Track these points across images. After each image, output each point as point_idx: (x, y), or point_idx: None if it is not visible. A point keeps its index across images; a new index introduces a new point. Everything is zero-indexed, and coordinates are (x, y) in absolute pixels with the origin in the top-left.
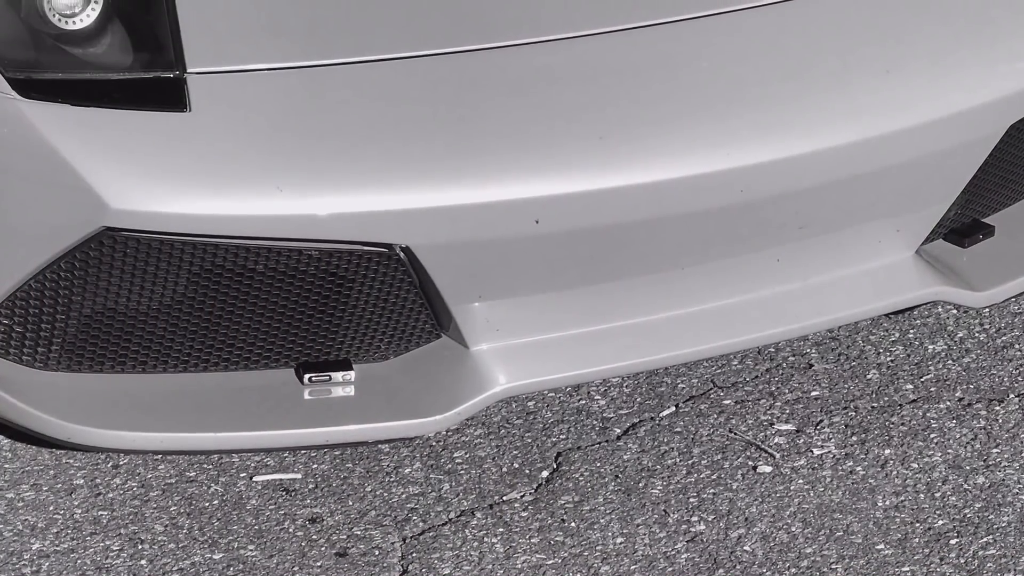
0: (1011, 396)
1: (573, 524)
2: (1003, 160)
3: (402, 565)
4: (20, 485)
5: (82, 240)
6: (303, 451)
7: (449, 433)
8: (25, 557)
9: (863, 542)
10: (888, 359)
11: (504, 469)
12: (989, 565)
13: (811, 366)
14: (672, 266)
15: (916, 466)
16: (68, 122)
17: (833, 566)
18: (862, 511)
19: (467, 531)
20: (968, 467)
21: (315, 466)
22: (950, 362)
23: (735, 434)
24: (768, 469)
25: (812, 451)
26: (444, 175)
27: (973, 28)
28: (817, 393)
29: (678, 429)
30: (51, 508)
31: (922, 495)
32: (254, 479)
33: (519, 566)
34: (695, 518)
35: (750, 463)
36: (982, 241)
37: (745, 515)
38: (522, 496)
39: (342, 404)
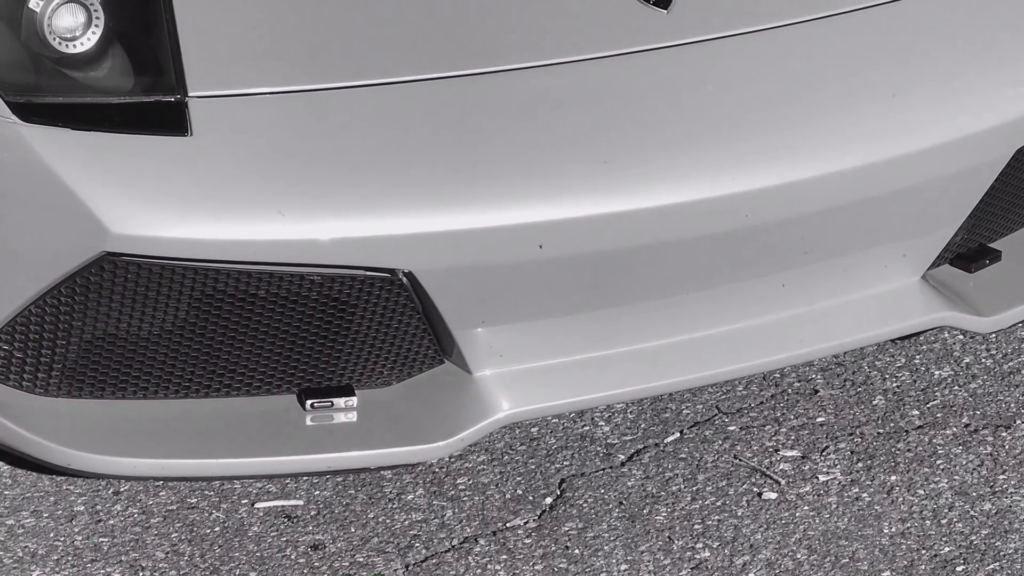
0: (1018, 422)
1: (577, 551)
2: (1010, 184)
3: None
4: (20, 512)
5: (82, 265)
6: (305, 477)
7: (452, 459)
8: None
9: (869, 569)
10: (894, 385)
11: (507, 495)
12: None
13: (816, 392)
14: (677, 291)
15: (922, 492)
16: (68, 146)
17: None
18: (868, 538)
19: (470, 558)
20: (975, 493)
21: (317, 492)
22: (956, 388)
23: (740, 460)
24: (773, 495)
25: (817, 477)
26: (447, 199)
27: (979, 52)
28: (823, 419)
29: (683, 455)
30: (51, 535)
31: (928, 521)
32: (256, 506)
33: None
34: (700, 545)
35: (755, 489)
36: (989, 266)
37: (750, 542)
38: (526, 523)
39: (344, 430)
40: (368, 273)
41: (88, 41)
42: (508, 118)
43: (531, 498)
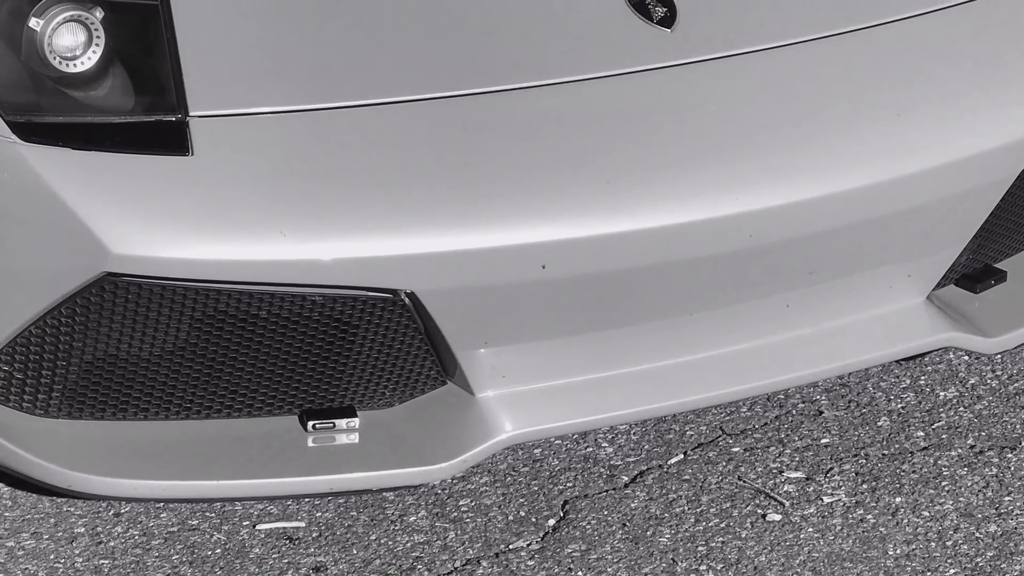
0: (1023, 443)
1: (580, 573)
2: (1015, 204)
3: None
4: (20, 533)
5: (83, 286)
6: (307, 499)
7: (455, 481)
8: None
9: None
10: (899, 406)
11: (510, 517)
12: None
13: (821, 413)
14: (680, 312)
15: (927, 514)
16: (69, 166)
17: None
18: (873, 560)
19: None
20: (980, 515)
21: (319, 514)
22: (962, 409)
23: (744, 482)
24: (777, 517)
25: (822, 499)
26: (449, 220)
27: (985, 71)
28: (827, 440)
29: (686, 477)
30: (52, 557)
31: (933, 543)
32: (257, 527)
33: None
34: (703, 567)
35: (759, 511)
36: (994, 286)
37: (754, 564)
38: (528, 544)
39: (346, 451)
40: (370, 293)
41: (89, 60)
42: (510, 138)
43: (534, 520)
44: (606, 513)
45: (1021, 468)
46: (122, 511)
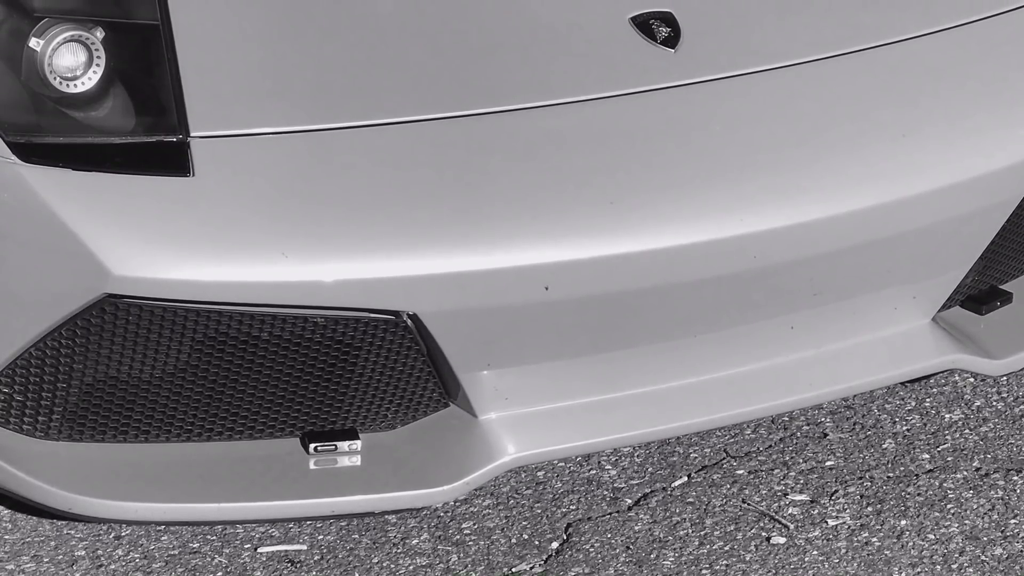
0: None
1: None
2: (1021, 226)
3: None
4: (20, 556)
5: (84, 307)
6: (308, 522)
7: (457, 503)
8: None
9: None
10: (904, 428)
11: (513, 540)
12: None
13: (826, 435)
14: (684, 334)
15: (933, 537)
16: (69, 187)
17: None
18: None
19: None
20: (986, 538)
21: (321, 537)
22: (967, 431)
23: (748, 504)
24: (782, 540)
25: (827, 522)
26: (452, 241)
27: (990, 92)
28: (832, 463)
29: (690, 499)
30: None
31: (939, 567)
32: (259, 550)
33: None
34: None
35: (763, 534)
36: (1000, 308)
37: None
38: (532, 568)
39: (348, 474)
40: (372, 315)
41: (89, 81)
42: (513, 158)
43: (537, 543)
44: (610, 536)
45: None
46: (123, 534)
